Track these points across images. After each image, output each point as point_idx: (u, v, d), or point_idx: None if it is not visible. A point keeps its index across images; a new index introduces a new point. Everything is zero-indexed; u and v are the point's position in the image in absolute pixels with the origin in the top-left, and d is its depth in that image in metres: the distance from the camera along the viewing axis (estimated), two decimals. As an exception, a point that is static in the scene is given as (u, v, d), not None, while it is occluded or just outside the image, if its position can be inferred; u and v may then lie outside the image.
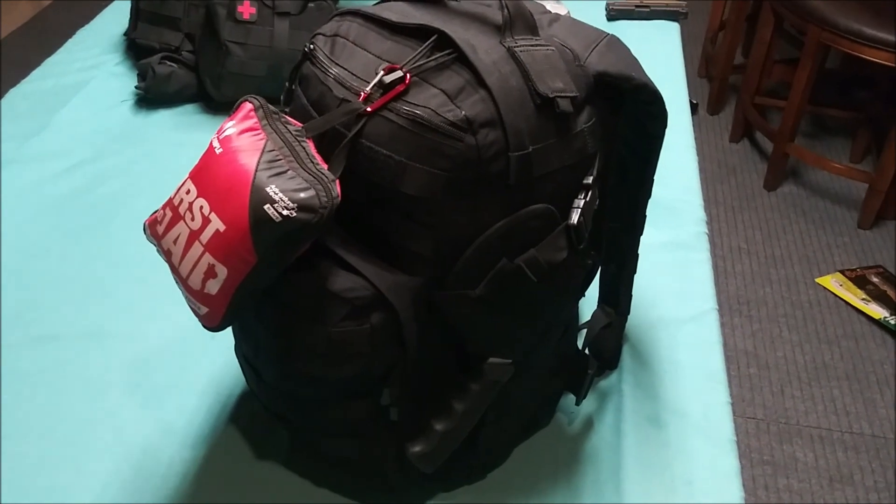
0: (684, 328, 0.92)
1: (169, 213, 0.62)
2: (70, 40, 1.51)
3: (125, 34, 1.43)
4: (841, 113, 2.58)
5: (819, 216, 2.32)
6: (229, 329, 0.76)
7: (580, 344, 0.84)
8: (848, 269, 2.13)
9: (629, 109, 0.71)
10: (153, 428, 0.82)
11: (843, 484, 1.62)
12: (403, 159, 0.59)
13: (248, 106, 0.62)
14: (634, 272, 0.83)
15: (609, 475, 0.77)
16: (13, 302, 0.96)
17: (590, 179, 0.65)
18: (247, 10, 1.21)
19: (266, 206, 0.56)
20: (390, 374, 0.65)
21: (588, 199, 0.65)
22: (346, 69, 0.64)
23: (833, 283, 2.09)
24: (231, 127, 0.60)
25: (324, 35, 0.68)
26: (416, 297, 0.63)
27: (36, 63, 1.45)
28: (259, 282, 0.59)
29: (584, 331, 0.86)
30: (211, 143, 0.60)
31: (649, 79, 0.69)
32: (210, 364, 0.88)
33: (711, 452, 0.79)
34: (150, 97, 1.30)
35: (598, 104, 0.66)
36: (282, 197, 0.56)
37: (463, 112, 0.59)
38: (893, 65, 2.03)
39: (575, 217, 0.64)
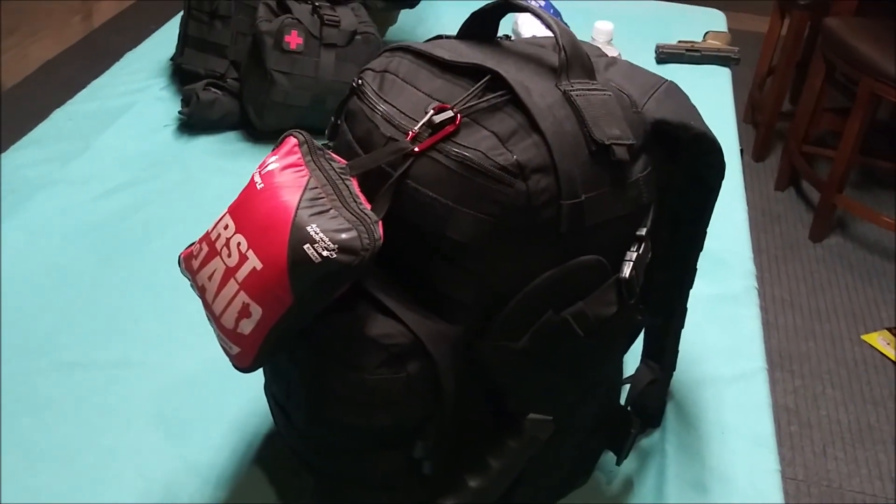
0: (732, 387, 0.88)
1: (205, 248, 0.60)
2: (117, 63, 1.52)
3: (172, 59, 1.44)
4: (891, 165, 2.52)
5: (866, 270, 2.25)
6: (259, 367, 0.73)
7: (622, 400, 0.80)
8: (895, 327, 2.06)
9: (685, 159, 0.68)
10: (176, 464, 0.80)
11: (887, 554, 1.54)
12: (450, 203, 0.57)
13: (292, 140, 0.60)
14: (682, 327, 0.80)
15: (649, 543, 0.73)
16: (44, 326, 0.95)
17: (643, 231, 0.62)
18: (294, 41, 1.20)
19: (306, 246, 0.54)
20: (425, 425, 0.61)
21: (641, 251, 0.62)
22: (394, 106, 0.62)
23: (880, 340, 2.02)
24: (274, 162, 0.58)
25: (373, 70, 0.66)
26: (455, 346, 0.60)
27: (84, 83, 1.46)
28: (294, 324, 0.57)
29: (627, 386, 0.82)
30: (252, 177, 0.58)
31: (708, 128, 0.66)
32: (237, 400, 0.86)
33: (759, 525, 0.74)
34: (193, 123, 1.30)
35: (654, 152, 0.63)
36: (322, 237, 0.53)
37: (514, 156, 0.56)
38: (949, 119, 1.97)
39: (627, 270, 0.61)
